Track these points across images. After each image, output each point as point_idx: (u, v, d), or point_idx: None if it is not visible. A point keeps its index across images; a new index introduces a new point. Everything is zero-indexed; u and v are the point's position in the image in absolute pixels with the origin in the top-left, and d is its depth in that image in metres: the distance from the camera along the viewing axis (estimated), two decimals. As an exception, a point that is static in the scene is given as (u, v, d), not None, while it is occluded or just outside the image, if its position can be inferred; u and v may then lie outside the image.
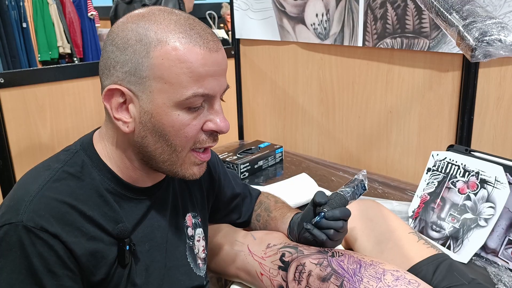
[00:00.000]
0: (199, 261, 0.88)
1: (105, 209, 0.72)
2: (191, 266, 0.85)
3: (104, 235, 0.70)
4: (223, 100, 0.76)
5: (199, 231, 0.89)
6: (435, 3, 0.71)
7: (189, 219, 0.88)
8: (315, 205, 0.87)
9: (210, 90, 0.68)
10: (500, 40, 0.63)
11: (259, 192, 1.11)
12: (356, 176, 0.92)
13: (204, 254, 0.90)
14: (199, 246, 0.89)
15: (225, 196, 1.01)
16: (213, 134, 0.73)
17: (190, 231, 0.87)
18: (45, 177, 0.69)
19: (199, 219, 0.90)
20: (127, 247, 0.71)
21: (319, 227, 0.84)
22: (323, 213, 0.83)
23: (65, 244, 0.65)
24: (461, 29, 0.67)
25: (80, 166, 0.72)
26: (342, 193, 0.87)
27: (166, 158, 0.72)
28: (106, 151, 0.75)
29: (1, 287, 0.62)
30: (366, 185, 0.92)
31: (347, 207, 0.86)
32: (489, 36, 0.63)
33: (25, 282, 0.63)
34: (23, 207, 0.64)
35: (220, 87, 0.71)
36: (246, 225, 1.07)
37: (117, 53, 0.68)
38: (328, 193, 0.91)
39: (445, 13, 0.70)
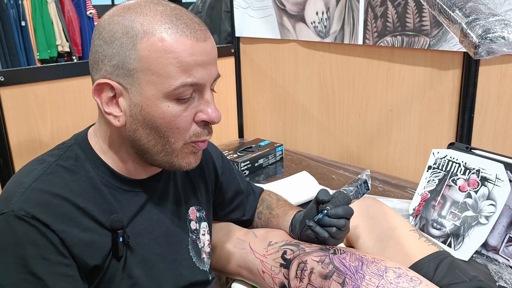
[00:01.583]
0: (204, 255, 0.87)
1: (100, 201, 0.71)
2: (194, 260, 0.85)
3: (98, 227, 0.70)
4: (214, 91, 0.75)
5: (204, 224, 0.89)
6: (438, 0, 0.71)
7: (193, 212, 0.87)
8: (318, 202, 0.87)
9: (199, 80, 0.68)
10: (503, 37, 0.63)
11: (261, 190, 1.11)
12: (359, 176, 0.93)
13: (209, 248, 0.90)
14: (205, 240, 0.88)
15: (229, 191, 1.01)
16: (207, 126, 0.73)
17: (193, 225, 0.86)
18: (39, 170, 0.69)
19: (204, 213, 0.90)
20: (121, 239, 0.71)
21: (321, 224, 0.84)
22: (325, 211, 0.83)
23: (56, 233, 0.65)
24: (464, 26, 0.67)
25: (74, 160, 0.73)
26: (345, 192, 0.87)
27: (160, 149, 0.71)
28: (100, 145, 0.75)
29: None
30: (369, 185, 0.92)
31: (350, 205, 0.86)
32: (493, 33, 0.63)
33: (19, 271, 0.63)
34: (15, 198, 0.65)
35: (210, 76, 0.70)
36: (250, 223, 1.07)
37: (104, 47, 0.68)
38: (331, 191, 0.91)
39: (448, 10, 0.69)
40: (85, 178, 0.72)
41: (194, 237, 0.86)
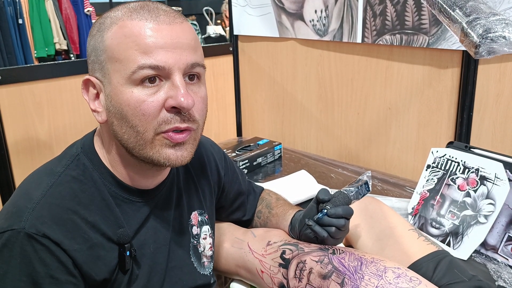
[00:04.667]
0: (204, 259, 0.87)
1: (107, 213, 0.71)
2: (195, 265, 0.85)
3: (105, 241, 0.70)
4: (198, 78, 0.71)
5: (206, 228, 0.88)
6: (438, -1, 0.70)
7: (195, 217, 0.87)
8: (318, 202, 0.87)
9: (161, 62, 0.65)
10: (504, 37, 0.62)
11: (262, 189, 1.11)
12: (360, 177, 0.93)
13: (211, 252, 0.89)
14: (205, 244, 0.88)
15: (232, 192, 1.00)
16: (179, 113, 0.67)
17: (195, 230, 0.86)
18: (48, 182, 0.68)
19: (206, 216, 0.89)
20: (128, 253, 0.71)
21: (320, 224, 0.84)
22: (325, 210, 0.83)
23: (66, 252, 0.65)
24: (465, 25, 0.66)
25: (81, 170, 0.72)
26: (345, 192, 0.87)
27: (133, 143, 0.68)
28: (103, 150, 0.74)
29: None
30: (370, 186, 0.92)
31: (350, 206, 0.86)
32: (493, 33, 0.63)
33: None
34: (26, 214, 0.64)
35: (178, 61, 0.66)
36: (250, 223, 1.06)
37: (88, 46, 0.72)
38: (331, 191, 0.91)
39: (448, 9, 0.69)
40: (93, 188, 0.71)
41: (195, 242, 0.86)
